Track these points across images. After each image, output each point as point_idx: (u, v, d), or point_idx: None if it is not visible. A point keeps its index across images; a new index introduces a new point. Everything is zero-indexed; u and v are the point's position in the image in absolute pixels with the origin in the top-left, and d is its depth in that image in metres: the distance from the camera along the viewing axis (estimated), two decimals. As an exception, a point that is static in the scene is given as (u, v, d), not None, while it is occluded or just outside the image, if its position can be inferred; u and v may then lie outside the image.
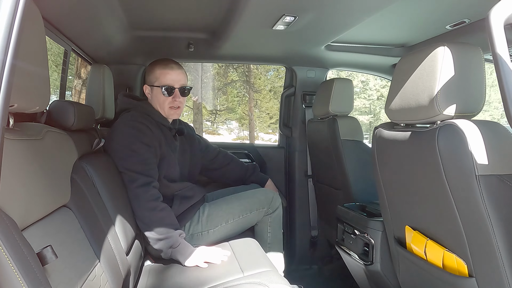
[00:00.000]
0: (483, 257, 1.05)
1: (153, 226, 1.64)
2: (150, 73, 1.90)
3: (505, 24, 0.86)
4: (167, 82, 1.85)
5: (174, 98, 1.87)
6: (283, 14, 1.65)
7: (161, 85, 1.85)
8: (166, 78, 1.86)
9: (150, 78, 1.90)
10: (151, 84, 1.89)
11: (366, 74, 15.39)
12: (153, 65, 1.92)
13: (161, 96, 1.86)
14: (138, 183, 1.65)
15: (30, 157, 0.94)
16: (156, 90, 1.87)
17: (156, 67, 1.89)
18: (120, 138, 1.72)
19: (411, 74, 1.20)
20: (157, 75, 1.87)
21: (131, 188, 1.66)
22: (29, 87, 0.88)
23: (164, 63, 1.90)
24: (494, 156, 1.00)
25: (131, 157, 1.68)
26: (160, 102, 1.87)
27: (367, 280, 1.80)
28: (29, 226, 0.88)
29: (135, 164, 1.68)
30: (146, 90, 1.91)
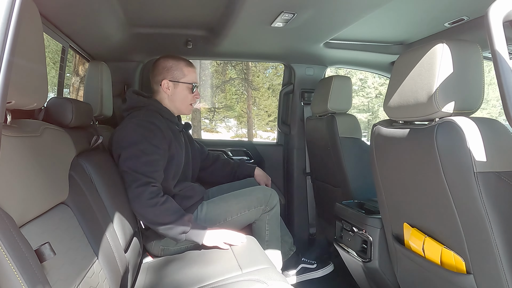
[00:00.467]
0: (481, 253, 1.06)
1: (159, 220, 1.65)
2: (176, 69, 1.90)
3: (503, 21, 0.86)
4: (194, 79, 1.93)
5: (195, 96, 1.96)
6: (281, 11, 1.65)
7: (191, 82, 1.91)
8: (193, 76, 1.93)
9: (175, 74, 1.90)
10: (176, 80, 1.90)
11: (365, 72, 15.40)
12: (176, 61, 1.92)
13: (186, 92, 1.92)
14: (139, 183, 1.65)
15: (28, 154, 0.94)
16: (182, 86, 1.91)
17: (181, 64, 1.92)
18: (129, 137, 1.70)
19: (410, 71, 1.20)
20: (185, 72, 1.91)
21: (132, 187, 1.65)
22: (26, 83, 0.87)
23: (187, 61, 1.95)
24: (492, 153, 1.01)
25: (138, 157, 1.67)
26: (182, 98, 1.92)
27: (365, 277, 1.80)
28: (27, 223, 0.87)
29: (141, 165, 1.67)
30: (165, 85, 1.90)
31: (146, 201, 1.64)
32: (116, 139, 1.73)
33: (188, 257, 1.73)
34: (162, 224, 1.66)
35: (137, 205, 1.65)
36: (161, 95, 1.92)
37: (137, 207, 1.65)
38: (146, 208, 1.65)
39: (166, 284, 1.49)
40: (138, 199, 1.64)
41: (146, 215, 1.66)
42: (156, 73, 1.93)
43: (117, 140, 1.73)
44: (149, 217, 1.66)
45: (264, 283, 1.35)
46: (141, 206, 1.64)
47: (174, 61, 1.92)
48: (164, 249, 1.85)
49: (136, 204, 1.65)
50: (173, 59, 1.93)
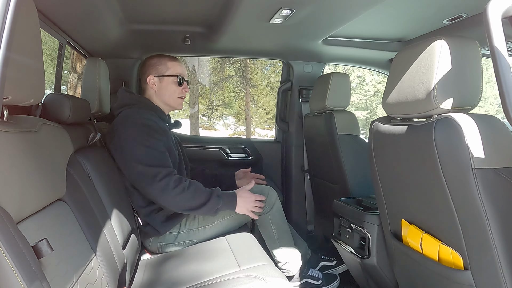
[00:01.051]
0: (479, 250, 1.06)
1: (192, 204, 1.68)
2: (159, 64, 1.91)
3: (502, 18, 0.86)
4: (179, 71, 1.93)
5: (184, 89, 1.95)
6: (280, 8, 1.64)
7: (175, 75, 1.91)
8: (177, 69, 1.93)
9: (159, 69, 1.91)
10: (160, 75, 1.90)
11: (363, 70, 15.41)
12: (160, 57, 1.94)
13: (173, 85, 1.91)
14: (160, 176, 1.65)
15: (25, 150, 0.94)
16: (167, 80, 1.91)
17: (164, 58, 1.93)
18: (131, 138, 1.69)
19: (409, 67, 1.19)
20: (168, 65, 1.92)
21: (155, 182, 1.64)
22: (23, 79, 0.87)
23: (171, 56, 1.95)
24: (490, 150, 1.01)
25: (148, 153, 1.68)
26: (170, 92, 1.92)
27: (363, 274, 1.80)
28: (25, 219, 0.87)
29: (154, 159, 1.68)
30: (150, 81, 1.91)
31: (173, 190, 1.65)
32: (117, 143, 1.71)
33: (186, 254, 1.73)
34: (195, 208, 1.69)
35: (166, 197, 1.65)
36: (149, 92, 1.93)
37: (167, 198, 1.65)
38: (176, 197, 1.66)
39: (164, 281, 1.49)
40: (166, 190, 1.65)
41: (179, 204, 1.67)
42: (143, 71, 1.95)
43: (120, 145, 1.70)
44: (182, 204, 1.68)
45: (262, 280, 1.35)
46: (171, 196, 1.65)
47: (158, 57, 1.94)
48: (163, 246, 1.85)
49: (165, 196, 1.65)
50: (158, 56, 1.95)
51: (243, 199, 1.80)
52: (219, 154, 2.83)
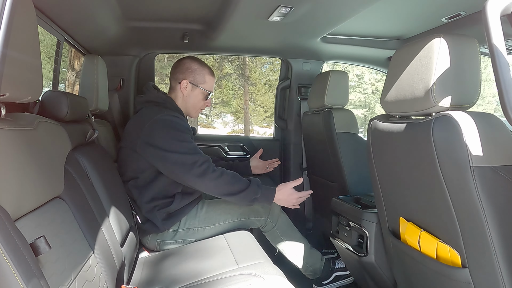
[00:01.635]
0: (477, 247, 1.06)
1: (229, 187, 1.71)
2: (198, 74, 1.95)
3: (501, 16, 0.86)
4: (211, 88, 2.00)
5: (206, 103, 2.02)
6: (279, 5, 1.64)
7: (209, 91, 1.98)
8: (211, 85, 1.99)
9: (197, 78, 1.95)
10: (195, 84, 1.94)
11: (361, 68, 15.41)
12: (201, 65, 1.97)
13: (201, 98, 1.98)
14: (200, 162, 1.69)
15: (23, 147, 0.93)
16: (199, 91, 1.96)
17: (205, 69, 1.97)
18: (162, 133, 1.73)
19: (407, 65, 1.19)
20: (207, 79, 1.97)
21: (194, 168, 1.68)
22: (21, 76, 0.86)
23: (211, 70, 2.01)
24: (488, 148, 1.01)
25: (183, 145, 1.72)
26: (195, 102, 1.97)
27: (361, 272, 1.81)
28: (22, 216, 0.87)
29: (190, 149, 1.72)
30: (183, 85, 1.93)
31: (212, 173, 1.69)
32: (147, 139, 1.73)
33: (184, 252, 1.73)
34: (234, 193, 1.71)
35: (207, 180, 1.68)
36: (176, 93, 1.96)
37: (207, 182, 1.69)
38: (217, 180, 1.69)
39: (163, 278, 1.50)
40: (206, 174, 1.69)
41: (219, 186, 1.70)
42: (179, 70, 1.96)
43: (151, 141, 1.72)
44: (222, 187, 1.71)
45: (260, 277, 1.36)
46: (211, 179, 1.69)
47: (199, 65, 1.97)
48: (161, 243, 1.85)
49: (206, 179, 1.68)
50: (199, 63, 1.98)
51: (283, 195, 1.82)
52: (218, 152, 2.83)
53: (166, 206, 1.80)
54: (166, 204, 1.80)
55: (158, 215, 1.78)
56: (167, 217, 1.81)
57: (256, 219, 1.98)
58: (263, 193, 1.77)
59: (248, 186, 1.74)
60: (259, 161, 2.32)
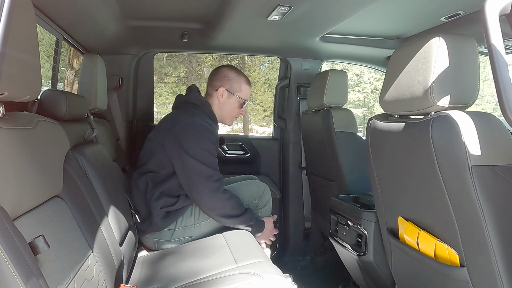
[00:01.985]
0: (475, 247, 1.06)
1: (231, 211, 1.79)
2: (235, 82, 2.01)
3: (499, 15, 0.86)
4: (247, 97, 2.06)
5: (241, 111, 2.08)
6: (278, 4, 1.64)
7: (245, 99, 2.04)
8: (247, 93, 2.06)
9: (234, 86, 2.01)
10: (232, 92, 2.00)
11: (361, 67, 15.41)
12: (238, 74, 2.04)
13: (236, 106, 2.03)
14: (215, 178, 1.76)
15: (21, 146, 0.93)
16: (235, 99, 2.02)
17: (242, 78, 2.04)
18: (193, 136, 1.77)
19: (406, 65, 1.19)
20: (243, 87, 2.03)
21: (208, 182, 1.74)
22: (19, 75, 0.86)
23: (248, 79, 2.08)
24: (487, 147, 1.01)
25: (206, 156, 1.77)
26: (231, 109, 2.03)
27: (360, 271, 1.81)
28: (21, 216, 0.87)
29: (210, 162, 1.78)
30: (220, 92, 1.99)
31: (223, 194, 1.76)
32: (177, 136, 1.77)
33: (183, 251, 1.73)
34: (233, 216, 1.79)
35: (214, 199, 1.75)
36: (212, 100, 2.01)
37: (214, 200, 1.75)
38: (224, 202, 1.76)
39: (162, 277, 1.50)
40: (217, 193, 1.75)
41: (223, 208, 1.77)
42: (216, 78, 2.02)
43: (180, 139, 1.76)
44: (225, 210, 1.77)
45: (259, 276, 1.36)
46: (219, 199, 1.75)
47: (236, 74, 2.03)
48: (158, 242, 1.85)
49: (214, 197, 1.74)
50: (236, 72, 2.05)
51: (268, 231, 1.94)
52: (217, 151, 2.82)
53: (169, 205, 1.81)
54: (170, 202, 1.82)
55: (160, 213, 1.79)
56: (166, 216, 1.81)
57: (249, 203, 2.00)
58: (255, 222, 1.87)
59: (245, 212, 1.83)
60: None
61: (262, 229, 1.90)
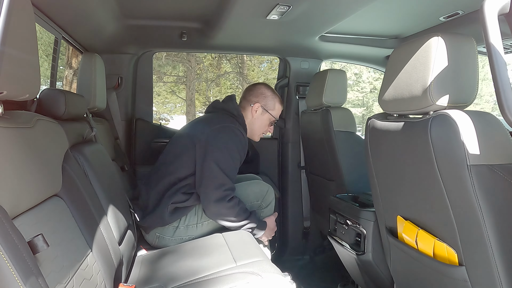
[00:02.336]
0: (473, 246, 1.07)
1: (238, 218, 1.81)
2: (271, 100, 2.09)
3: (498, 15, 0.86)
4: (278, 116, 2.13)
5: (269, 129, 2.15)
6: (277, 4, 1.64)
7: (275, 117, 2.11)
8: (279, 113, 2.14)
9: (269, 104, 2.09)
10: (267, 109, 2.08)
11: (360, 67, 15.41)
12: (274, 93, 2.12)
13: (267, 123, 2.11)
14: (227, 187, 1.79)
15: (20, 145, 0.93)
16: (268, 116, 2.09)
17: (277, 99, 2.12)
18: (225, 141, 1.83)
19: (405, 64, 1.20)
20: (276, 106, 2.11)
21: (219, 189, 1.77)
22: (18, 74, 0.86)
23: (281, 99, 2.16)
24: (485, 146, 1.01)
25: (229, 163, 1.81)
26: (261, 125, 2.11)
27: (359, 270, 1.81)
28: (20, 214, 0.87)
29: (230, 170, 1.82)
30: (255, 107, 2.06)
31: (227, 203, 1.78)
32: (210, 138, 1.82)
33: (182, 250, 1.73)
34: (238, 221, 1.82)
35: (220, 206, 1.78)
36: (246, 114, 2.07)
37: (220, 207, 1.78)
38: (229, 209, 1.79)
39: (160, 276, 1.50)
40: (223, 201, 1.78)
41: (228, 215, 1.80)
42: (253, 94, 2.10)
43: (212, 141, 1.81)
44: (230, 217, 1.80)
45: (258, 275, 1.36)
46: (224, 207, 1.78)
47: (272, 93, 2.12)
48: (160, 238, 1.85)
49: (220, 204, 1.77)
50: (272, 91, 2.13)
51: (270, 230, 1.98)
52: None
53: (180, 201, 1.84)
54: (182, 199, 1.84)
55: (169, 208, 1.81)
56: (174, 211, 1.83)
57: (252, 204, 2.00)
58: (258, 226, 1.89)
59: (249, 217, 1.85)
60: None
61: (263, 230, 1.92)
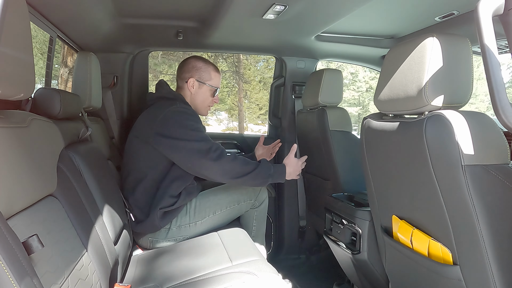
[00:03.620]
0: (467, 245, 1.07)
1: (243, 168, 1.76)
2: (204, 71, 2.01)
3: (493, 16, 0.87)
4: (217, 85, 2.05)
5: (215, 100, 2.07)
6: (273, 3, 1.64)
7: (214, 86, 2.03)
8: (217, 81, 2.05)
9: (203, 76, 2.00)
10: (202, 81, 2.00)
11: (356, 66, 15.46)
12: (206, 63, 2.03)
13: (208, 94, 2.02)
14: (214, 147, 1.74)
15: (15, 145, 0.93)
16: (206, 88, 2.01)
17: (210, 67, 2.03)
18: (177, 123, 1.77)
19: (400, 64, 1.20)
20: (212, 75, 2.02)
21: (209, 153, 1.72)
22: (13, 73, 0.85)
23: (216, 66, 2.06)
24: (480, 147, 1.02)
25: (197, 134, 1.76)
26: (203, 99, 2.02)
27: (354, 269, 1.82)
28: (14, 215, 0.86)
29: (203, 137, 1.76)
30: (190, 83, 1.99)
31: (226, 158, 1.74)
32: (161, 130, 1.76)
33: (178, 250, 1.73)
34: (249, 172, 1.76)
35: (224, 163, 1.73)
36: (184, 92, 2.01)
37: (224, 164, 1.73)
38: (232, 162, 1.75)
39: (156, 276, 1.49)
40: (222, 158, 1.73)
41: (235, 168, 1.75)
42: (185, 70, 2.01)
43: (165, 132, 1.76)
44: (238, 168, 1.75)
45: (254, 275, 1.36)
46: (228, 161, 1.74)
47: (204, 63, 2.02)
48: (153, 241, 1.85)
49: (223, 162, 1.73)
50: (204, 61, 2.03)
51: (292, 168, 1.91)
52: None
53: (169, 205, 1.80)
54: (170, 202, 1.81)
55: (158, 214, 1.78)
56: (163, 216, 1.81)
57: (246, 203, 1.99)
58: (276, 169, 1.85)
59: (259, 164, 1.81)
60: (263, 148, 2.29)
61: (284, 172, 1.88)
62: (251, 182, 1.80)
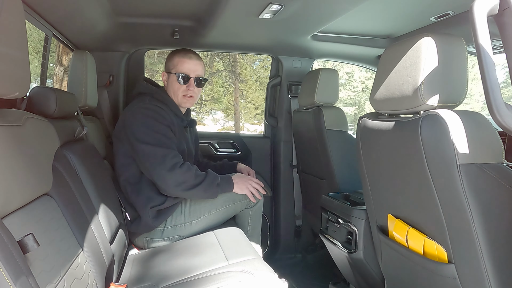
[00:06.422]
0: (462, 244, 1.08)
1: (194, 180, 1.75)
2: (169, 61, 1.97)
3: (488, 16, 0.88)
4: (183, 70, 1.92)
5: (188, 87, 1.92)
6: (269, 3, 1.64)
7: (178, 73, 1.91)
8: (183, 67, 1.92)
9: (168, 65, 1.96)
10: (168, 71, 1.96)
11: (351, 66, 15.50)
12: (173, 53, 1.98)
13: (176, 83, 1.92)
14: (170, 156, 1.72)
15: (10, 144, 0.92)
16: (172, 77, 1.93)
17: (175, 55, 1.95)
18: (139, 122, 1.75)
19: (396, 64, 1.21)
20: (175, 62, 1.93)
21: (165, 161, 1.70)
22: (7, 72, 0.85)
23: (184, 52, 1.96)
24: (474, 146, 1.03)
25: (156, 137, 1.73)
26: (175, 89, 1.93)
27: (350, 268, 1.83)
28: (10, 214, 0.86)
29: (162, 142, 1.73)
30: (163, 77, 1.98)
31: (180, 169, 1.72)
32: (126, 127, 1.76)
33: (174, 249, 1.73)
34: (198, 184, 1.75)
35: (175, 174, 1.71)
36: (165, 87, 1.99)
37: (176, 175, 1.71)
38: (184, 174, 1.73)
39: (152, 275, 1.49)
40: (175, 168, 1.72)
41: (187, 181, 1.73)
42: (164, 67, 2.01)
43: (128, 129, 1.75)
44: (190, 180, 1.74)
45: (250, 274, 1.36)
46: (179, 174, 1.72)
47: (172, 53, 1.98)
48: (149, 241, 1.84)
49: (175, 173, 1.71)
50: (173, 52, 1.98)
51: (240, 178, 1.90)
52: (208, 149, 2.82)
53: (159, 204, 1.80)
54: (160, 201, 1.80)
55: (150, 213, 1.78)
56: (157, 215, 1.80)
57: (241, 203, 1.99)
58: (222, 179, 1.85)
59: (207, 174, 1.81)
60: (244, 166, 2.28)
61: (231, 183, 1.87)
62: (202, 194, 1.79)
